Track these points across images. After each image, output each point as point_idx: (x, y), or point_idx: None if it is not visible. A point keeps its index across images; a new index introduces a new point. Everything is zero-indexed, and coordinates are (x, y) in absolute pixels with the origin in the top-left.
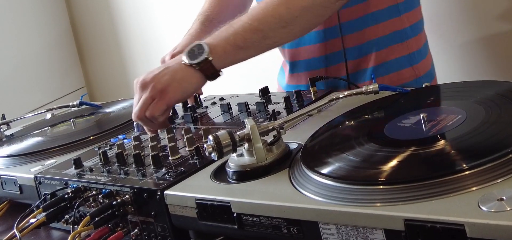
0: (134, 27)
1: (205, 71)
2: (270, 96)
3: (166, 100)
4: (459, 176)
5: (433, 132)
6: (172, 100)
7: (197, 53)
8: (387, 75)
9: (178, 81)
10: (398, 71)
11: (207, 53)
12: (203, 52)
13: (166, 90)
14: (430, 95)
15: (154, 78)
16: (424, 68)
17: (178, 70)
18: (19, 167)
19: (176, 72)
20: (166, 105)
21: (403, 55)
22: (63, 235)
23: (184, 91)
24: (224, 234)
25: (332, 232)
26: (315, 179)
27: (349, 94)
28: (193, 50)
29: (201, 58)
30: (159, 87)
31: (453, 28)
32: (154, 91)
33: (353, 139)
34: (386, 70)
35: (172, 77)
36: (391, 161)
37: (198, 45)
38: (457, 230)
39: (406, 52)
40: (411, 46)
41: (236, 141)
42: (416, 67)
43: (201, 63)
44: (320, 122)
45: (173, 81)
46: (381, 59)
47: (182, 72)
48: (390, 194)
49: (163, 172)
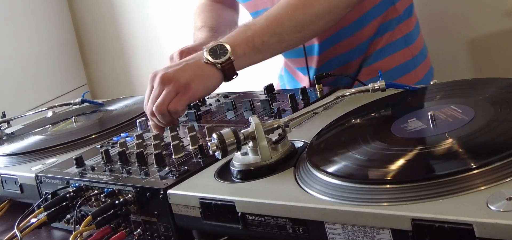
0: (137, 25)
1: (226, 71)
2: (275, 93)
3: (189, 95)
4: (467, 175)
5: (441, 130)
6: (195, 95)
7: (220, 53)
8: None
9: (201, 77)
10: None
11: (230, 53)
12: (226, 52)
13: (189, 86)
14: (438, 92)
15: (177, 73)
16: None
17: (201, 66)
18: (19, 166)
19: (198, 68)
20: (189, 99)
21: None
22: (65, 235)
23: (207, 87)
24: (228, 234)
25: (338, 232)
26: (321, 178)
27: (356, 91)
28: (215, 49)
29: (224, 58)
30: (182, 82)
31: (461, 23)
32: (178, 85)
33: (360, 138)
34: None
35: (195, 73)
36: (398, 160)
37: (220, 45)
38: (465, 230)
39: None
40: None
41: (241, 140)
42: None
43: (224, 62)
44: (326, 120)
45: (196, 77)
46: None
47: (205, 69)
48: (397, 194)
49: (166, 171)
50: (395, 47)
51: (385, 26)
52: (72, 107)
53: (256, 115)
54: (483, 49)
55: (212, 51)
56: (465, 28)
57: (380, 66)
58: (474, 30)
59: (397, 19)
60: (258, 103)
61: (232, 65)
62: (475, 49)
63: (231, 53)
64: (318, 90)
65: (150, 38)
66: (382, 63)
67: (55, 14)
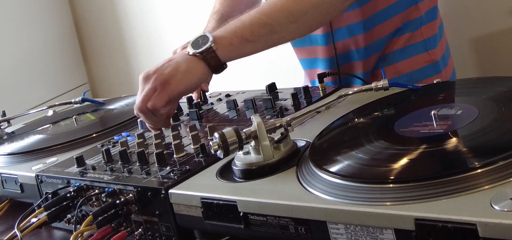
0: (138, 23)
1: (209, 61)
2: (278, 92)
3: (168, 91)
4: (471, 174)
5: (445, 130)
6: (174, 92)
7: (201, 43)
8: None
9: (181, 72)
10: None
11: (211, 42)
12: (207, 41)
13: (168, 82)
14: (442, 91)
15: (157, 70)
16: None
17: (182, 61)
18: (20, 165)
19: (180, 63)
20: (168, 96)
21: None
22: (65, 235)
23: (188, 82)
24: (230, 234)
25: (341, 232)
26: (324, 177)
27: (359, 90)
28: (198, 40)
29: (204, 48)
30: (161, 78)
31: (464, 22)
32: (156, 82)
33: (363, 137)
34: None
35: (176, 68)
36: (402, 159)
37: (203, 36)
38: (469, 230)
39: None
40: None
41: (243, 139)
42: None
43: (204, 52)
44: (328, 119)
45: (176, 73)
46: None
47: (186, 63)
48: (400, 193)
49: (168, 170)
50: (414, 50)
51: (406, 25)
52: (72, 106)
53: (258, 114)
54: (487, 48)
55: (194, 43)
56: (469, 26)
57: (399, 67)
58: (478, 29)
59: (419, 20)
60: (260, 102)
61: (215, 55)
62: (478, 48)
63: (213, 42)
64: (321, 89)
65: (152, 36)
66: (400, 65)
67: (55, 12)
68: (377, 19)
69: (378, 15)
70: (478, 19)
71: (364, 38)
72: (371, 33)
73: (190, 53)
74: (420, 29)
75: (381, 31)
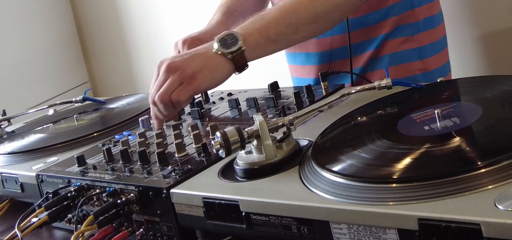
0: (139, 21)
1: (237, 61)
2: (280, 91)
3: (194, 86)
4: (474, 174)
5: (448, 129)
6: (200, 87)
7: (230, 43)
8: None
9: (209, 69)
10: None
11: (241, 43)
12: (237, 42)
13: (195, 76)
14: (445, 90)
15: (184, 62)
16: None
17: (210, 57)
18: (20, 164)
19: (207, 59)
20: (193, 91)
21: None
22: (66, 235)
23: (214, 79)
24: (232, 234)
25: (344, 232)
26: (326, 177)
27: (361, 89)
28: (226, 39)
29: (235, 48)
30: (189, 72)
31: (469, 20)
32: (183, 75)
33: (365, 136)
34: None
35: (203, 63)
36: (405, 158)
37: (230, 35)
38: (472, 230)
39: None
40: (422, 40)
41: (245, 138)
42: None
43: (234, 52)
44: (331, 118)
45: (204, 68)
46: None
47: (214, 60)
48: (403, 193)
49: (169, 169)
50: (408, 57)
51: (402, 29)
52: (73, 105)
53: (260, 113)
54: (491, 47)
55: (222, 41)
56: (473, 25)
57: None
58: (482, 27)
59: (415, 25)
60: (262, 101)
61: (243, 56)
62: (483, 47)
63: (243, 43)
64: (323, 87)
65: (153, 35)
66: (392, 70)
67: (56, 11)
68: (371, 19)
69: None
70: (482, 17)
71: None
72: (364, 31)
73: (219, 51)
74: (417, 35)
75: (376, 31)
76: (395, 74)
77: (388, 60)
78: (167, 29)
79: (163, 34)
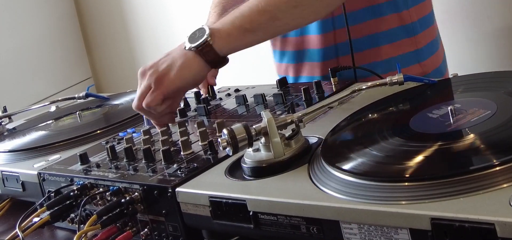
0: (144, 14)
1: (206, 55)
2: (289, 87)
3: (162, 89)
4: (489, 172)
5: (462, 126)
6: (169, 89)
7: (198, 37)
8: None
9: (177, 68)
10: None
11: (207, 35)
12: (203, 35)
13: (162, 79)
14: (459, 86)
15: (152, 66)
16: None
17: (179, 56)
18: (21, 162)
19: (176, 58)
20: (162, 94)
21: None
22: (68, 235)
23: (183, 79)
24: (239, 234)
25: (354, 232)
26: (336, 175)
27: (373, 85)
28: (195, 33)
29: (200, 41)
30: (155, 76)
31: (482, 14)
32: (151, 79)
33: (377, 133)
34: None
35: (171, 64)
36: (417, 156)
37: (200, 29)
38: (486, 230)
39: (414, 48)
40: (419, 42)
41: (252, 135)
42: (423, 64)
43: (200, 46)
44: (341, 114)
45: (171, 69)
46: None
47: (182, 58)
48: (415, 192)
49: (175, 168)
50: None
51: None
52: (76, 101)
53: (268, 109)
54: (506, 41)
55: (191, 37)
56: (487, 19)
57: None
58: (496, 21)
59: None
60: (270, 97)
61: (212, 49)
62: (497, 41)
63: (209, 35)
64: (333, 83)
65: (159, 28)
66: None
67: (58, 4)
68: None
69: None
70: (497, 11)
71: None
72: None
73: (187, 47)
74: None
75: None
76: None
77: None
78: (173, 22)
79: (169, 27)
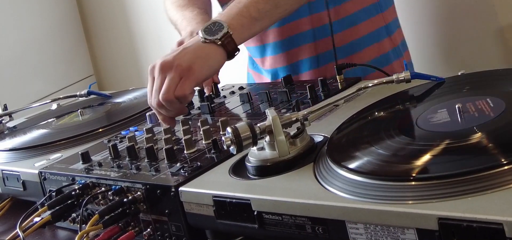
0: (147, 11)
1: (227, 46)
2: (294, 85)
3: (194, 77)
4: (497, 171)
5: (469, 124)
6: (200, 77)
7: (215, 30)
8: (367, 47)
9: (202, 58)
10: (378, 42)
11: (227, 28)
12: (223, 27)
13: (192, 68)
14: (466, 83)
15: (176, 58)
16: (400, 37)
17: (200, 47)
18: (22, 161)
19: (197, 49)
20: (196, 81)
21: (381, 27)
22: (70, 235)
23: (210, 67)
24: (243, 234)
25: (361, 232)
26: (342, 174)
27: (379, 82)
28: (210, 27)
29: (222, 33)
30: (184, 65)
31: (489, 11)
32: (180, 69)
33: (383, 132)
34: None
35: (195, 54)
36: (424, 155)
37: (214, 22)
38: (495, 230)
39: (383, 23)
40: (387, 18)
41: (257, 134)
42: (393, 38)
43: (222, 37)
44: (347, 113)
45: (197, 58)
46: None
47: (204, 49)
48: (422, 191)
49: (178, 167)
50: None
51: (373, 8)
52: (78, 99)
53: (273, 107)
54: None
55: (207, 30)
56: (494, 15)
57: None
58: (503, 18)
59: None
60: (275, 95)
61: (232, 39)
62: (504, 38)
63: (228, 27)
64: (339, 81)
65: (161, 26)
66: None
67: (60, 1)
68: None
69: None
70: (505, 7)
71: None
72: None
73: (207, 39)
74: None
75: None
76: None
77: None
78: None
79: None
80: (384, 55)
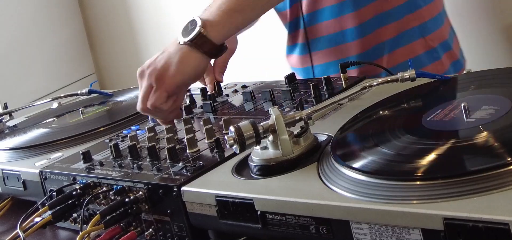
0: (148, 9)
1: (201, 47)
2: (297, 83)
3: (164, 87)
4: (503, 170)
5: (475, 123)
6: (171, 86)
7: (190, 29)
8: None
9: (175, 64)
10: (410, 44)
11: (199, 27)
12: (195, 27)
13: (162, 76)
14: (472, 82)
15: (150, 65)
16: (439, 38)
17: (174, 52)
18: (22, 161)
19: (172, 54)
20: (166, 91)
21: (414, 26)
22: (71, 235)
23: (184, 73)
24: (246, 234)
25: (365, 232)
26: (346, 174)
27: (383, 81)
28: (187, 26)
29: (193, 34)
30: (155, 74)
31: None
32: (151, 79)
33: (388, 131)
34: (397, 44)
35: (169, 60)
36: (429, 154)
37: (191, 20)
38: (501, 230)
39: (418, 23)
40: (423, 16)
41: (260, 133)
42: (429, 38)
43: (194, 39)
44: (351, 111)
45: (170, 65)
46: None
47: (178, 53)
48: (428, 191)
49: (180, 166)
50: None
51: (406, 34)
52: (79, 98)
53: (276, 106)
54: None
55: (184, 30)
56: (500, 13)
57: None
58: (510, 16)
59: (422, 27)
60: (278, 94)
61: (206, 39)
62: (510, 36)
63: (201, 26)
64: (343, 79)
65: (163, 23)
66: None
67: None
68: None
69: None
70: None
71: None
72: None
73: (181, 42)
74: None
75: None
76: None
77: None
78: (178, 17)
79: (173, 23)
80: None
